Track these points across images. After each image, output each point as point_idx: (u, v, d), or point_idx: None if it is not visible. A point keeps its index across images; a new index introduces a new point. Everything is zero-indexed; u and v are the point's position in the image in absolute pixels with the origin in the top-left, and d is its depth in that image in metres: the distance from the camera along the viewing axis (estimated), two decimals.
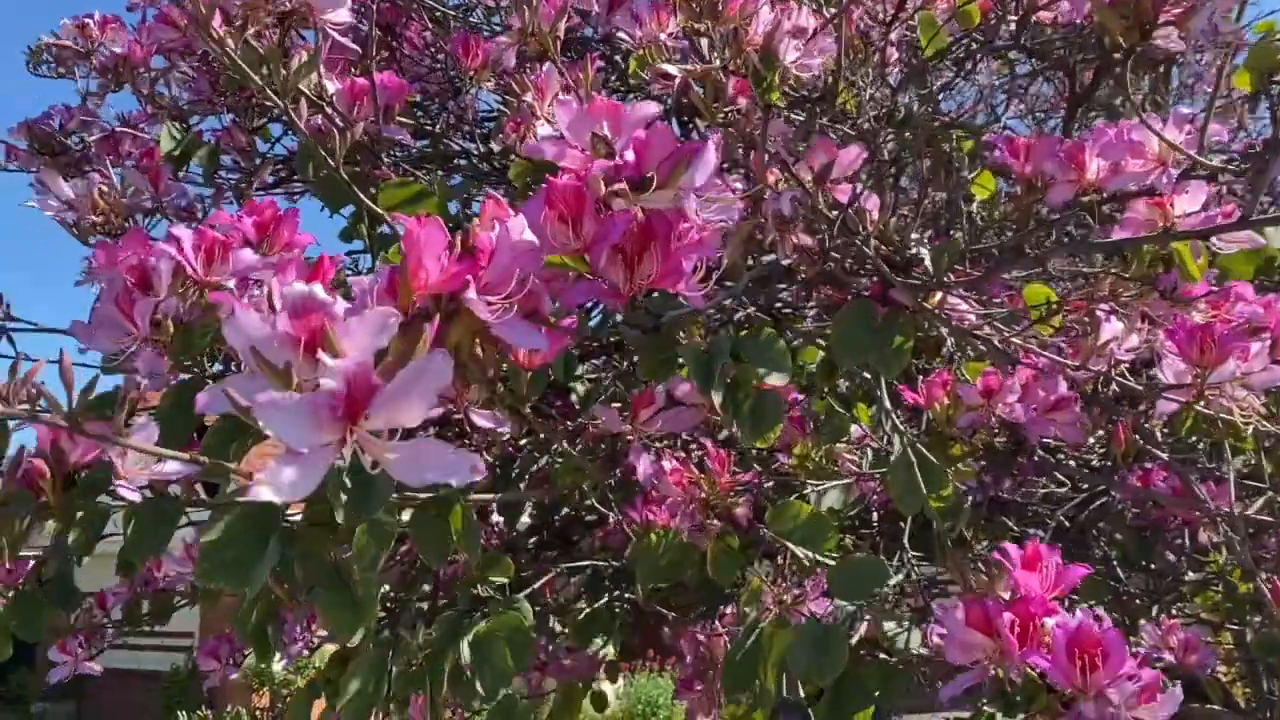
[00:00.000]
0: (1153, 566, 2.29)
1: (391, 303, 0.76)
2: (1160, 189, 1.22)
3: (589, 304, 1.42)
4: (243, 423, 0.72)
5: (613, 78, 2.15)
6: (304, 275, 0.74)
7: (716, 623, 1.95)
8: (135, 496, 1.24)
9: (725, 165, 1.42)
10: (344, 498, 0.68)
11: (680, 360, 1.14)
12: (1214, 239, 1.33)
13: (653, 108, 0.89)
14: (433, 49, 2.24)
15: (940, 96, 1.80)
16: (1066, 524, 2.38)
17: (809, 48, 1.12)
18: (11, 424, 1.20)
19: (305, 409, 0.55)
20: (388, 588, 2.07)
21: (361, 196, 1.32)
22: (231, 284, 1.13)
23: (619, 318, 1.17)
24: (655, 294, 0.91)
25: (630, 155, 0.84)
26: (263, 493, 0.53)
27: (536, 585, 2.01)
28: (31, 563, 1.50)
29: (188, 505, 1.19)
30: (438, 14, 2.09)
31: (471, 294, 0.69)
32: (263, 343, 0.61)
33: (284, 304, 0.62)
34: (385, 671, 1.61)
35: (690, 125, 1.98)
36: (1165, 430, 1.90)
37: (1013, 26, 1.46)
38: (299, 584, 1.37)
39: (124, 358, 1.24)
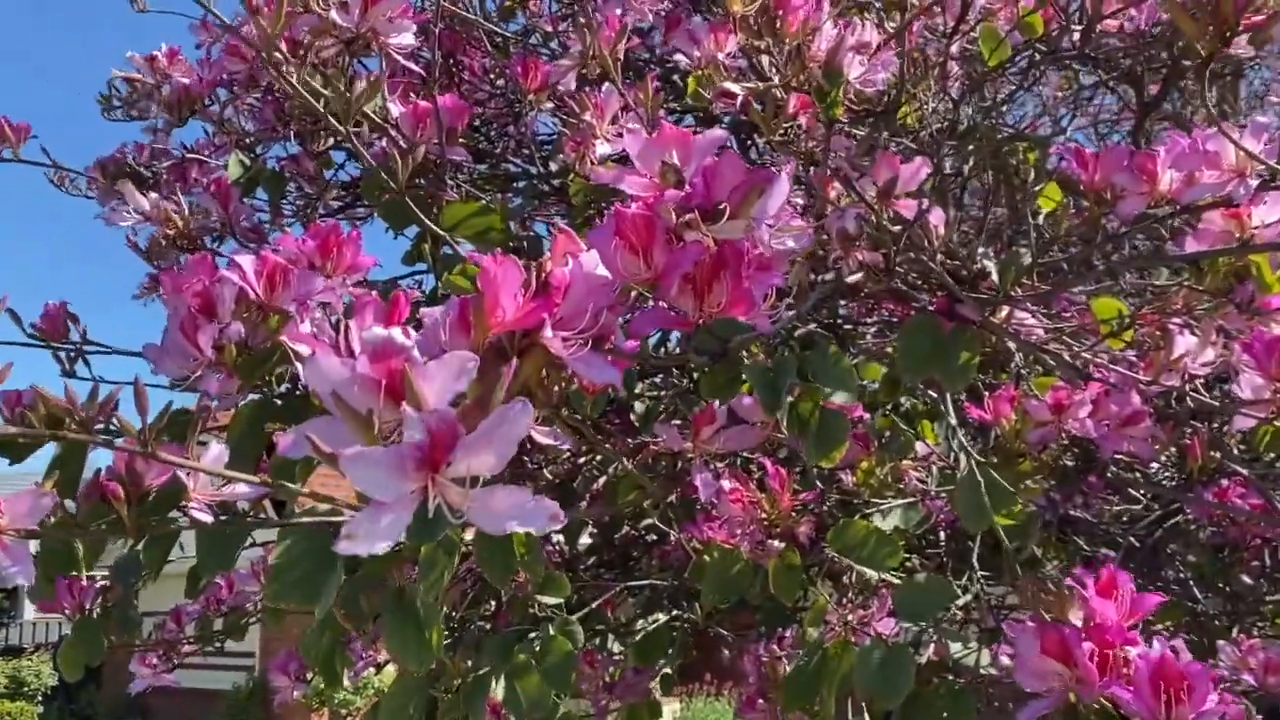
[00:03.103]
0: (1229, 587, 2.23)
1: (464, 336, 0.76)
2: (1237, 199, 1.19)
3: None
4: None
5: (670, 98, 2.15)
6: (381, 317, 0.75)
7: (777, 645, 1.93)
8: (206, 517, 1.26)
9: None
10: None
11: (744, 379, 1.14)
12: None
13: (721, 134, 0.89)
14: (492, 74, 2.26)
15: (1003, 109, 1.77)
16: (1138, 543, 2.33)
17: (873, 62, 1.11)
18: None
19: (389, 461, 0.55)
20: (449, 608, 2.09)
21: (423, 218, 1.34)
22: (293, 307, 1.15)
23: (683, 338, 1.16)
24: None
25: (700, 184, 0.84)
26: (349, 545, 0.54)
27: (594, 605, 2.01)
28: (98, 585, 1.54)
29: (255, 526, 1.21)
30: (497, 40, 2.11)
31: (548, 332, 0.69)
32: (343, 386, 0.62)
33: (364, 348, 0.62)
34: (424, 696, 1.61)
35: (749, 142, 1.97)
36: (1242, 447, 1.85)
37: (1076, 37, 1.43)
38: (364, 612, 1.38)
39: (191, 381, 1.26)
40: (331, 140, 1.81)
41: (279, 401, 1.38)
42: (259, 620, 2.22)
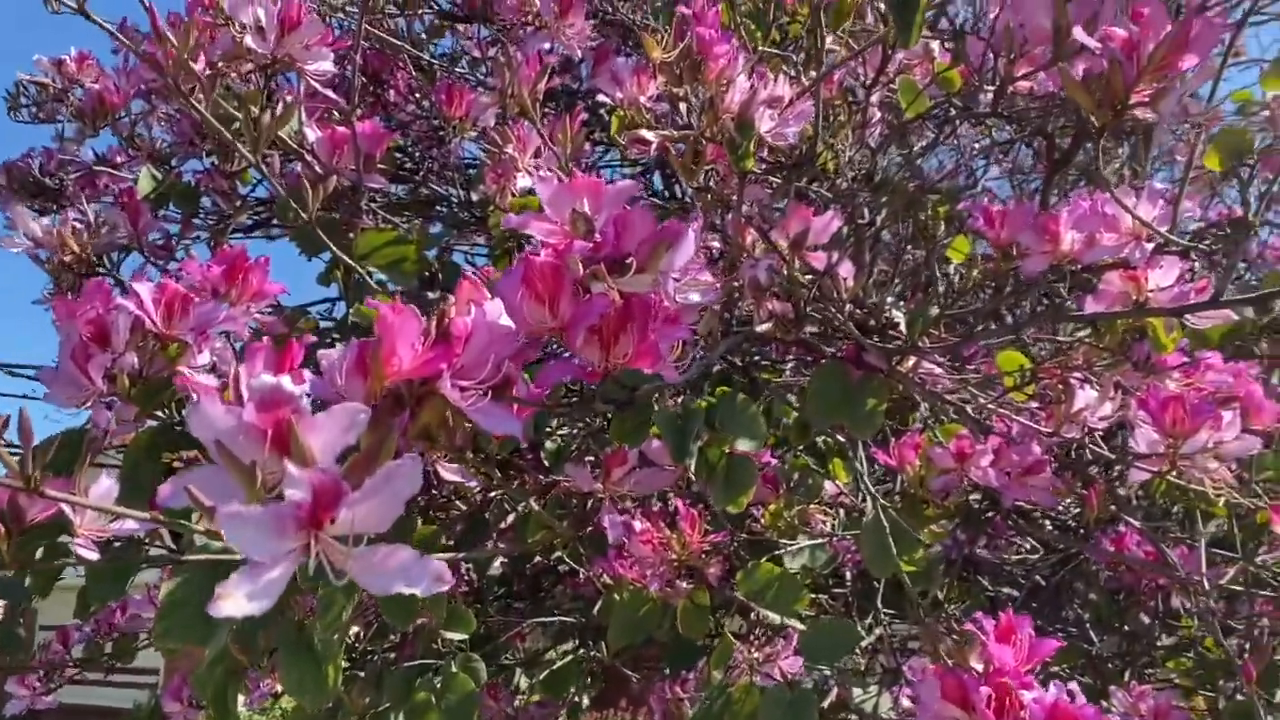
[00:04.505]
0: (1127, 628, 2.29)
1: (361, 380, 0.75)
2: (1134, 263, 1.23)
3: None
4: None
5: (597, 129, 2.16)
6: (272, 363, 0.73)
7: (680, 686, 1.93)
8: (92, 554, 1.22)
9: (704, 227, 1.43)
10: None
11: (653, 424, 1.14)
12: None
13: (632, 185, 0.89)
14: (418, 95, 2.24)
15: (920, 159, 1.81)
16: (1042, 584, 2.39)
17: (784, 117, 1.12)
18: None
19: (268, 520, 0.54)
20: (354, 637, 2.04)
21: (333, 248, 1.32)
22: (191, 337, 1.12)
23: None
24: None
25: (610, 234, 0.84)
26: (225, 608, 0.52)
27: (503, 639, 1.99)
28: None
29: (144, 562, 1.17)
30: (423, 64, 2.09)
31: (446, 383, 0.68)
32: (228, 435, 0.60)
33: (251, 396, 0.61)
34: None
35: (674, 179, 1.99)
36: (1140, 493, 1.91)
37: (990, 95, 1.47)
38: (261, 647, 1.35)
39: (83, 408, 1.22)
40: (244, 163, 1.77)
41: (179, 429, 1.35)
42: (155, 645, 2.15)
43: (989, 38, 1.23)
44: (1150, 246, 1.19)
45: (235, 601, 0.53)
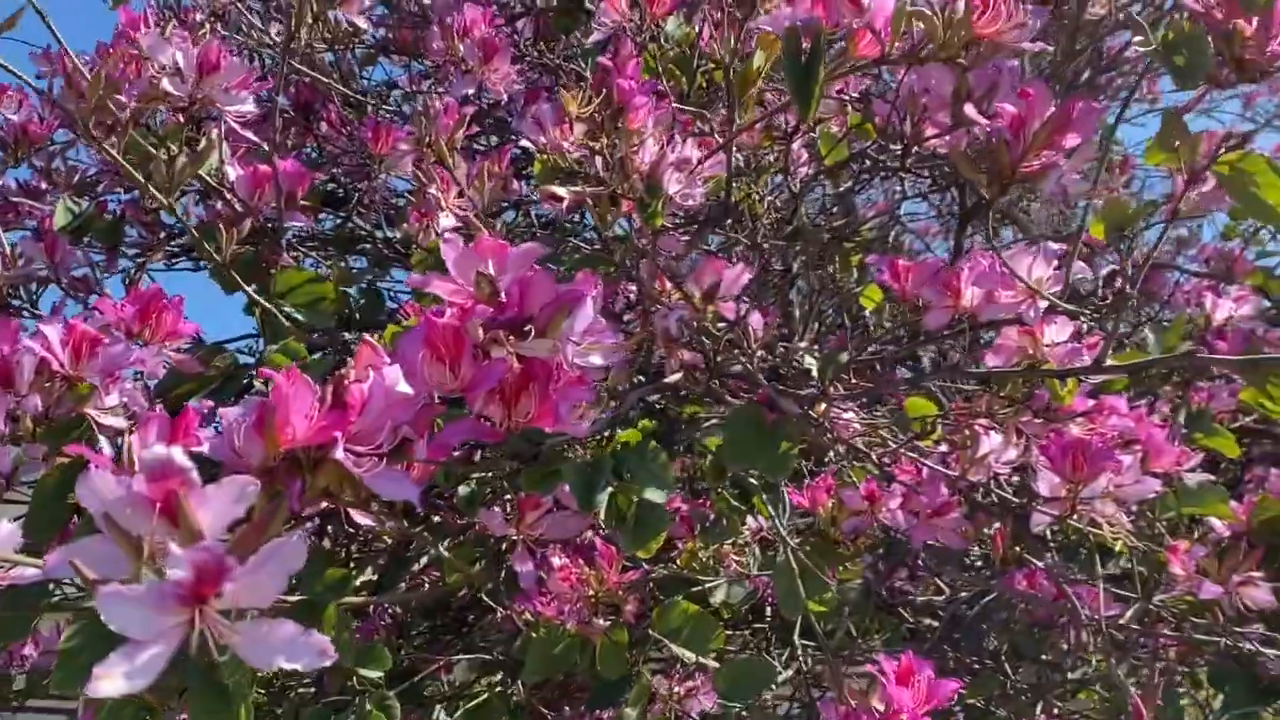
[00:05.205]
0: (1045, 658, 2.36)
1: (260, 442, 0.76)
2: (1028, 321, 1.28)
3: None
4: None
5: (527, 167, 2.18)
6: (165, 433, 0.74)
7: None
8: None
9: (620, 274, 1.46)
10: None
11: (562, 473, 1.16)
12: None
13: (538, 247, 0.91)
14: (349, 127, 2.25)
15: (834, 208, 1.86)
16: (964, 615, 2.44)
17: (691, 179, 1.16)
18: None
19: (149, 599, 0.55)
20: (272, 673, 2.02)
21: (247, 290, 1.32)
22: (99, 380, 1.12)
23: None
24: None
25: (514, 298, 0.86)
26: (103, 688, 0.53)
27: (420, 677, 1.99)
28: None
29: (43, 610, 1.16)
30: (351, 100, 2.10)
31: (339, 452, 0.70)
32: (116, 506, 0.61)
33: (141, 467, 0.62)
34: None
35: None
36: (1056, 529, 1.98)
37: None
38: (172, 686, 1.33)
39: None
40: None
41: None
42: None
43: (894, 100, 1.28)
44: (1043, 306, 1.25)
45: (113, 681, 0.54)
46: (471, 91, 1.64)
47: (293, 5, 1.29)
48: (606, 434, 1.19)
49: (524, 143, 1.59)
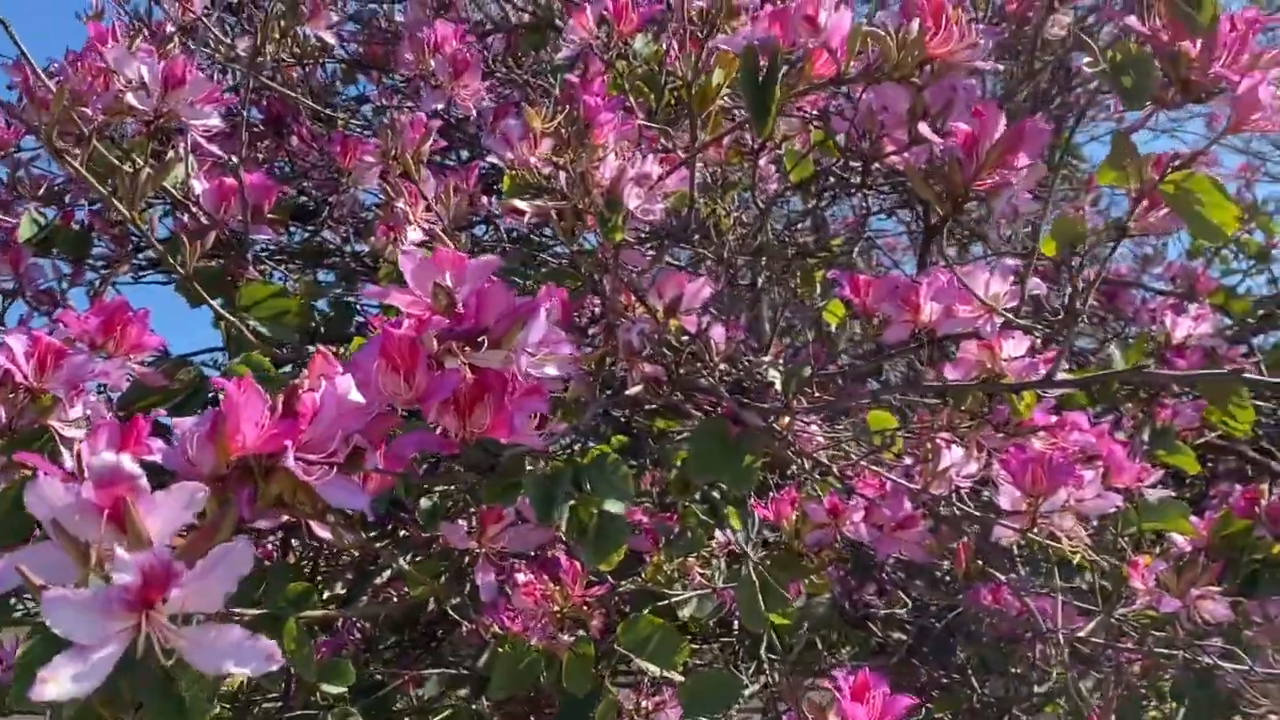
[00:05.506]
0: (1014, 670, 2.38)
1: (213, 451, 0.76)
2: (985, 335, 1.30)
3: None
4: None
5: (499, 181, 2.19)
6: (115, 441, 0.74)
7: None
8: None
9: (586, 288, 1.47)
10: None
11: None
12: None
13: (495, 260, 0.92)
14: (320, 141, 2.25)
15: (799, 224, 1.89)
16: (931, 628, 2.46)
17: (651, 194, 1.17)
18: None
19: (95, 604, 0.55)
20: (237, 686, 2.01)
21: (211, 303, 1.32)
22: (62, 391, 1.12)
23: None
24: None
25: (471, 309, 0.87)
26: (48, 692, 0.53)
27: (385, 690, 1.98)
28: None
29: (9, 624, 1.15)
30: (322, 114, 2.11)
31: (289, 460, 0.70)
32: (65, 513, 0.62)
33: (90, 474, 0.62)
34: None
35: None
36: (1021, 544, 2.00)
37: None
38: (127, 700, 1.33)
39: None
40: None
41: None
42: None
43: (853, 118, 1.30)
44: (999, 321, 1.27)
45: (59, 684, 0.54)
46: (441, 106, 1.65)
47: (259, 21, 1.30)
48: (577, 448, 1.20)
49: (493, 158, 1.61)
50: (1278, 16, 1.12)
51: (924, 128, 1.03)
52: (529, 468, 1.14)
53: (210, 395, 1.54)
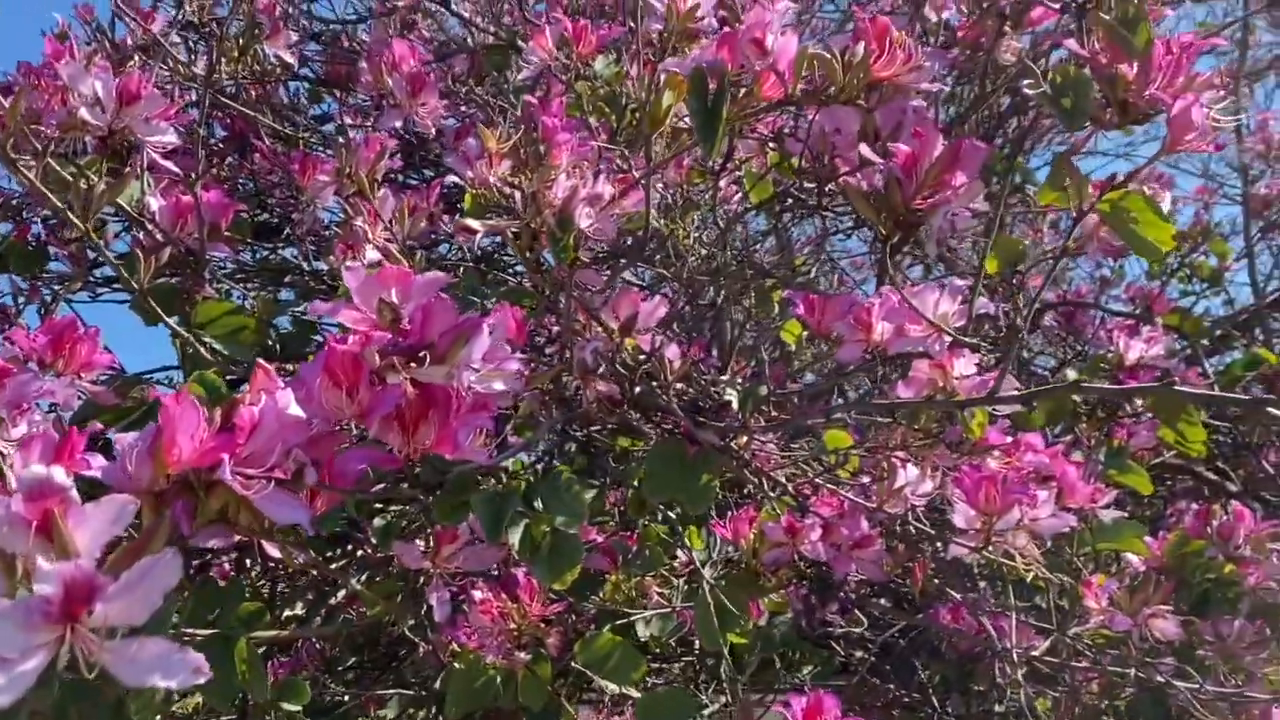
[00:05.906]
0: (977, 688, 2.39)
1: (151, 464, 0.76)
2: (934, 354, 1.32)
3: None
4: None
5: (461, 199, 2.20)
6: (49, 455, 0.74)
7: None
8: None
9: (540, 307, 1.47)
10: None
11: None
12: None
13: (442, 276, 0.93)
14: (281, 159, 2.25)
15: (758, 245, 1.90)
16: (892, 646, 2.47)
17: (603, 214, 1.18)
18: None
19: (15, 615, 0.55)
20: (192, 709, 1.99)
21: (166, 320, 1.32)
22: (5, 411, 1.11)
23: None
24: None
25: (417, 325, 0.87)
26: None
27: (349, 705, 1.96)
28: None
29: None
30: (282, 132, 2.11)
31: (225, 473, 0.70)
32: None
33: (19, 486, 0.62)
34: None
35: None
36: (981, 563, 2.01)
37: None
38: None
39: None
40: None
41: None
42: None
43: (806, 140, 1.32)
44: (948, 340, 1.28)
45: None
46: (399, 124, 1.66)
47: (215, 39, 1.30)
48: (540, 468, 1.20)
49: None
50: (1215, 40, 1.15)
51: (864, 149, 1.05)
52: (481, 486, 1.14)
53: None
